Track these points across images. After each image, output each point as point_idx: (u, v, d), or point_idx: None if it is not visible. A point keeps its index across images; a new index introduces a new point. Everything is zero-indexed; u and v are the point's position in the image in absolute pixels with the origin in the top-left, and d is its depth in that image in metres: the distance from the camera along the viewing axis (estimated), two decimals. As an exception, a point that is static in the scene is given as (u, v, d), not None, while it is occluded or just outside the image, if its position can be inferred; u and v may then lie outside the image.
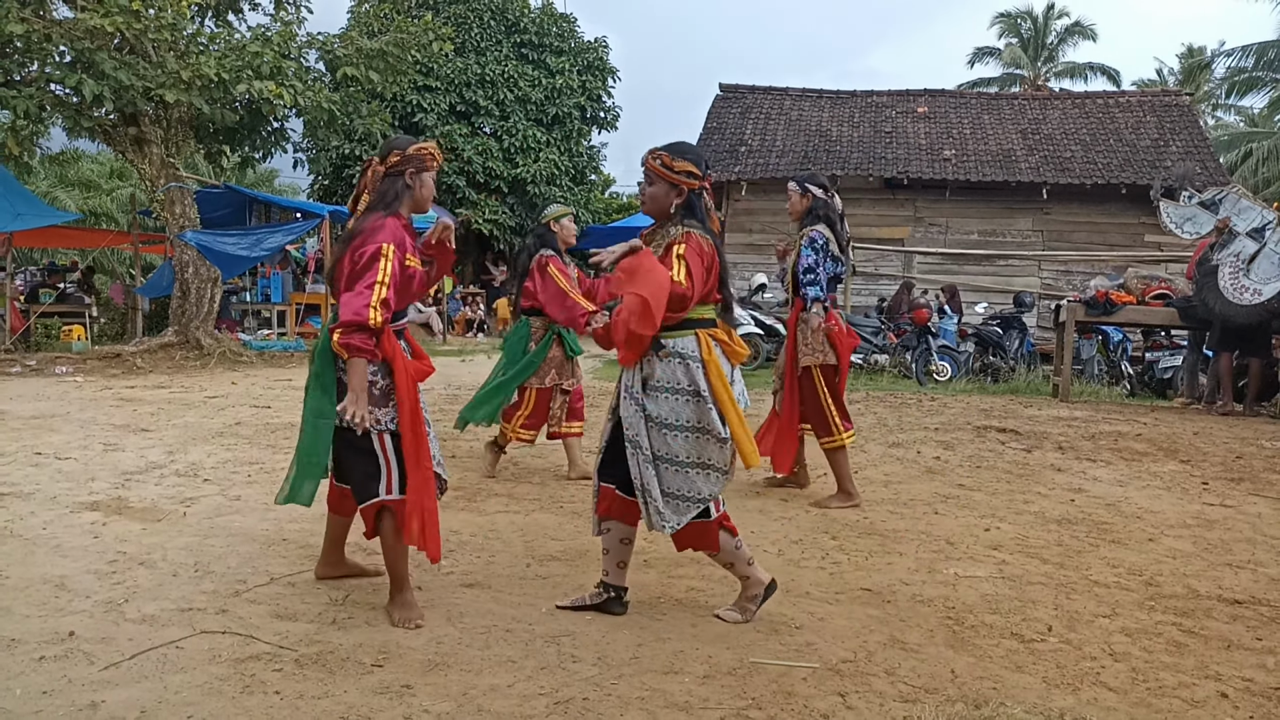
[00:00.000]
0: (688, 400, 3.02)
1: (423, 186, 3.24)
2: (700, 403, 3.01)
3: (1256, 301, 8.46)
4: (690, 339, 3.05)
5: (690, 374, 3.02)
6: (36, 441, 6.21)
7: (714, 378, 3.02)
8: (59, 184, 27.50)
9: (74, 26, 11.29)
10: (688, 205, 3.11)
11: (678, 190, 3.10)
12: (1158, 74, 34.07)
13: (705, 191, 3.15)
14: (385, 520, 3.13)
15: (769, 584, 3.21)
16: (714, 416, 3.00)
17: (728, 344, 3.12)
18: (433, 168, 3.27)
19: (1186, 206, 9.22)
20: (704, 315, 3.11)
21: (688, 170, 3.09)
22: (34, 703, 2.46)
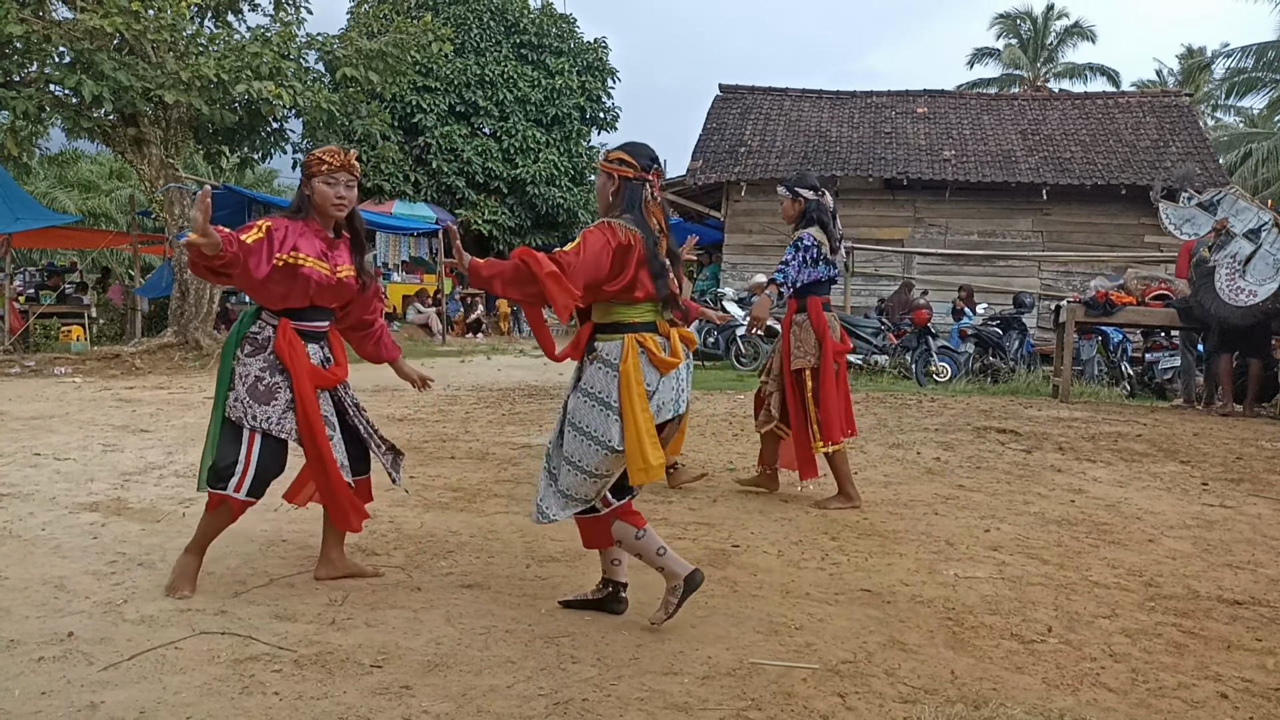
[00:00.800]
0: (596, 407, 3.00)
1: (314, 193, 3.30)
2: (606, 413, 2.98)
3: (1252, 303, 8.46)
4: (616, 344, 3.01)
5: (605, 381, 3.00)
6: (35, 442, 6.21)
7: (625, 388, 2.96)
8: (58, 185, 27.53)
9: (73, 27, 11.29)
10: (623, 195, 3.09)
11: (612, 180, 3.11)
12: (1157, 75, 34.12)
13: (648, 185, 3.10)
14: (222, 510, 3.25)
15: (689, 575, 3.06)
16: (615, 429, 2.95)
17: (654, 353, 3.01)
18: (319, 172, 3.28)
19: (1186, 208, 9.22)
20: (638, 318, 3.05)
21: (619, 158, 3.10)
22: (33, 703, 2.45)
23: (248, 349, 3.28)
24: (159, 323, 14.98)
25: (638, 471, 2.94)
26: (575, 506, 3.08)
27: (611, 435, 2.96)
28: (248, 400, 3.22)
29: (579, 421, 3.03)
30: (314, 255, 3.26)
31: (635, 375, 2.97)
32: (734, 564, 3.87)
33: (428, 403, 8.64)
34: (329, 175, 3.29)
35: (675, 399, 3.09)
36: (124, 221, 22.55)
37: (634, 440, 2.93)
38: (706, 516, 4.64)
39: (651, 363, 3.01)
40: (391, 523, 4.40)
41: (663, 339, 3.08)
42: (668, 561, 3.09)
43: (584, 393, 3.05)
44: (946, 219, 16.53)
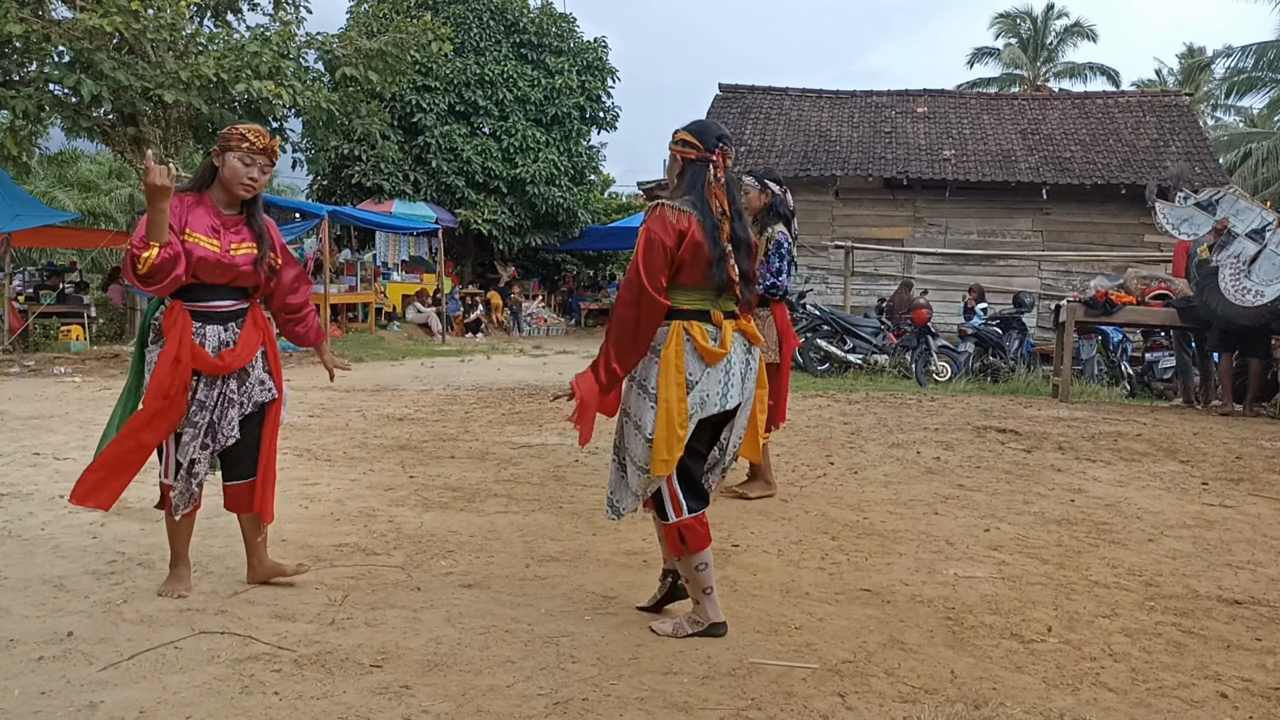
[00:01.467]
0: (640, 395, 2.96)
1: (224, 166, 3.23)
2: (645, 399, 2.94)
3: (1260, 303, 8.45)
4: (663, 330, 2.95)
5: (648, 368, 2.95)
6: (35, 442, 6.21)
7: (664, 373, 2.90)
8: (57, 184, 27.53)
9: (73, 26, 11.29)
10: (685, 176, 3.02)
11: (676, 161, 3.05)
12: (1157, 74, 34.11)
13: (711, 165, 2.98)
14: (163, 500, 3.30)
15: (715, 623, 3.03)
16: (650, 417, 2.90)
17: (700, 341, 2.92)
18: (238, 148, 3.21)
19: (1183, 208, 9.21)
20: (689, 305, 2.96)
21: (683, 139, 3.03)
22: (32, 703, 2.45)
23: (152, 335, 3.26)
24: (159, 322, 14.94)
25: (656, 464, 2.89)
26: (635, 501, 3.03)
27: (646, 423, 2.91)
28: None
29: (628, 408, 3.00)
30: (202, 231, 3.18)
31: (676, 362, 2.89)
32: (734, 564, 3.87)
33: (428, 403, 8.64)
34: (247, 155, 3.21)
35: (722, 393, 2.97)
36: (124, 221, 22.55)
37: (661, 429, 2.88)
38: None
39: (697, 351, 2.92)
40: (391, 522, 4.40)
41: (714, 328, 2.97)
42: (707, 602, 3.04)
43: (633, 378, 2.99)
44: (946, 219, 16.53)
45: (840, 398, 9.48)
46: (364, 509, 4.64)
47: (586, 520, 4.54)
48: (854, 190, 16.67)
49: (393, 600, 3.32)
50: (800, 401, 9.06)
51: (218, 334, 3.25)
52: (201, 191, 3.27)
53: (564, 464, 5.93)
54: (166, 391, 3.14)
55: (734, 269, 2.95)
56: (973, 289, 14.19)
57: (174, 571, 3.37)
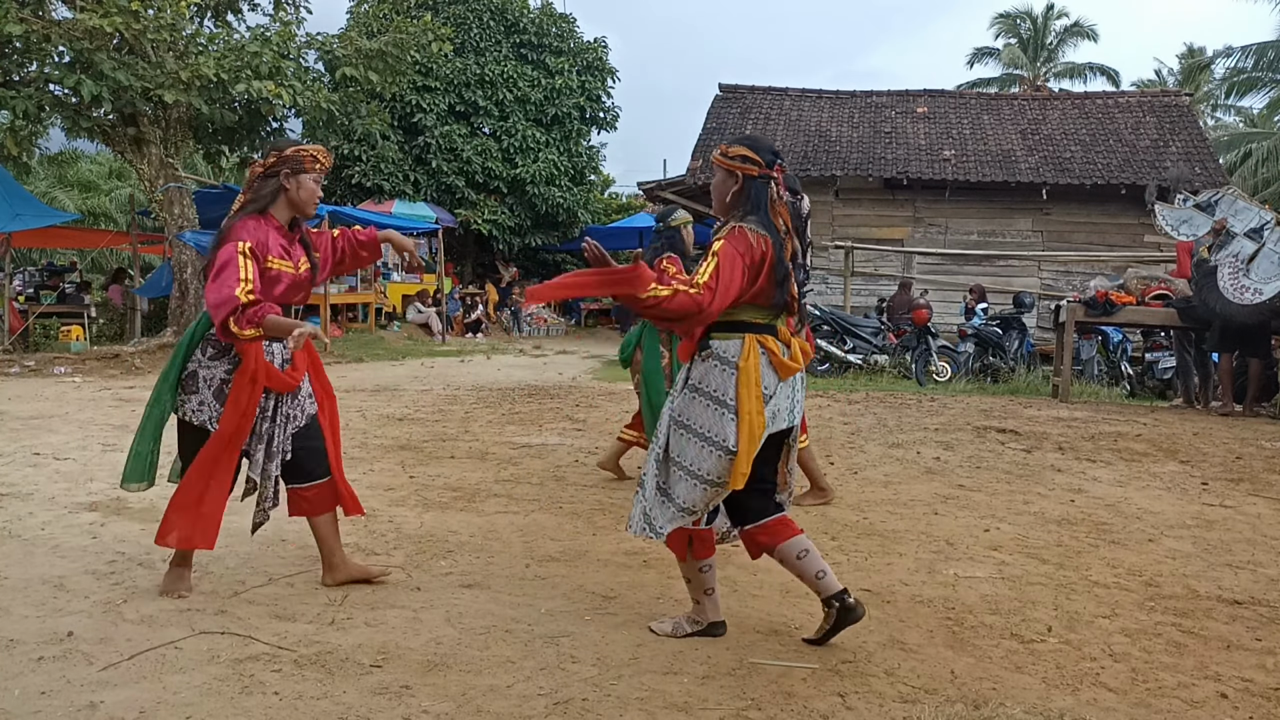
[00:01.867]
0: (711, 406, 2.85)
1: (300, 188, 3.22)
2: (722, 412, 2.84)
3: (1258, 301, 8.46)
4: (735, 342, 2.87)
5: (722, 379, 2.85)
6: (35, 442, 6.21)
7: (744, 385, 2.82)
8: (58, 184, 27.51)
9: (73, 27, 11.28)
10: (747, 195, 2.91)
11: (734, 178, 2.93)
12: (1157, 74, 34.10)
13: (773, 182, 2.92)
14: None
15: (715, 623, 3.04)
16: (731, 429, 2.81)
17: (776, 355, 2.87)
18: (312, 169, 3.22)
19: (1182, 209, 9.22)
20: (759, 319, 2.90)
21: (742, 154, 2.92)
22: (33, 703, 2.45)
23: (210, 351, 3.20)
24: (158, 322, 14.98)
25: (738, 475, 2.81)
26: (686, 518, 2.91)
27: (729, 435, 2.81)
28: (214, 404, 3.17)
29: (691, 421, 2.88)
30: (277, 255, 3.19)
31: (756, 375, 2.83)
32: (734, 564, 3.87)
33: (428, 403, 8.64)
34: (319, 175, 3.25)
35: (790, 408, 2.93)
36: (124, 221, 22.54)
37: (745, 441, 2.80)
38: (706, 516, 4.63)
39: (772, 365, 2.88)
40: (391, 522, 4.40)
41: (784, 345, 2.94)
42: (708, 602, 3.04)
43: (696, 390, 2.89)
44: (946, 219, 16.53)
45: (840, 398, 9.47)
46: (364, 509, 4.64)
47: (586, 520, 4.54)
48: (854, 190, 16.67)
49: (393, 600, 3.32)
50: (800, 401, 9.05)
51: (281, 351, 3.27)
52: (266, 212, 3.23)
53: (564, 464, 5.93)
54: (245, 410, 3.15)
55: (794, 286, 2.93)
56: (973, 289, 14.18)
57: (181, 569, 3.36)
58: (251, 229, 3.13)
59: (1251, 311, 8.49)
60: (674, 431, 2.93)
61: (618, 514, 4.65)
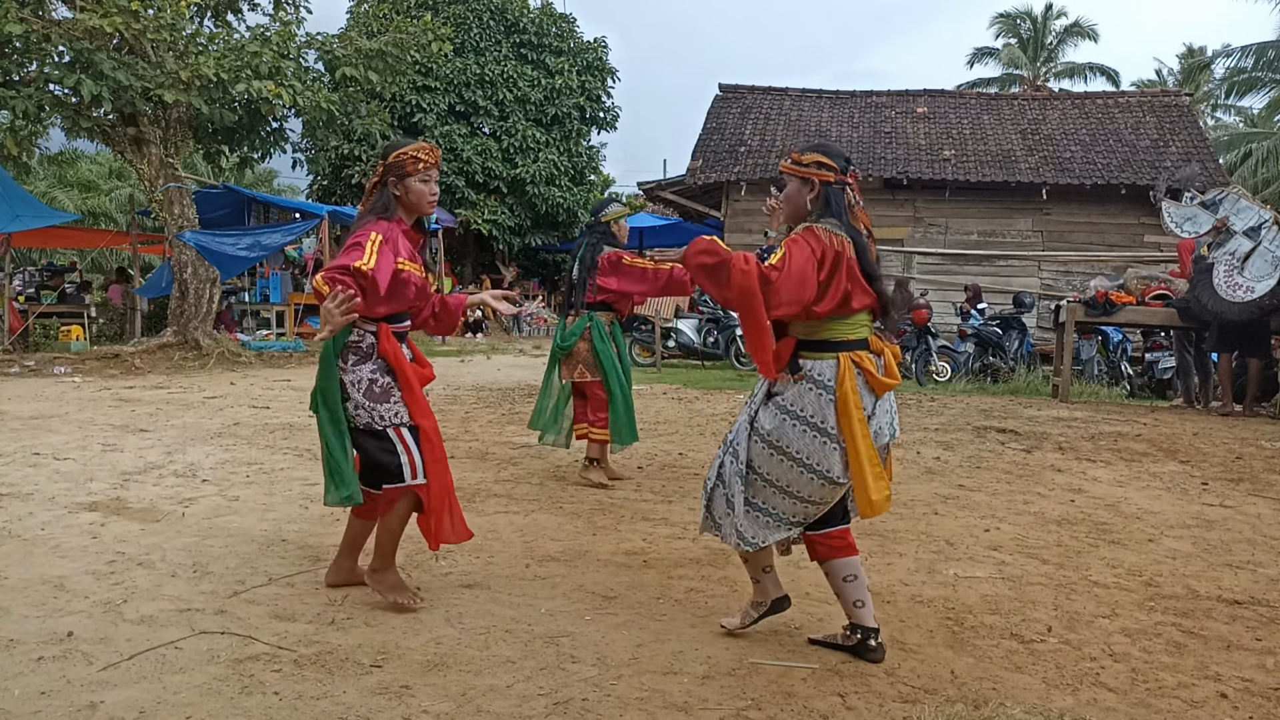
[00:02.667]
0: (809, 433, 2.77)
1: (408, 192, 3.24)
2: (823, 440, 2.76)
3: (1249, 298, 8.48)
4: (830, 363, 2.77)
5: (819, 405, 2.76)
6: (35, 442, 6.21)
7: (844, 413, 2.73)
8: (58, 184, 27.54)
9: (73, 27, 11.28)
10: (824, 201, 2.85)
11: (809, 185, 2.86)
12: (1157, 74, 34.11)
13: (849, 188, 2.88)
14: (403, 503, 3.22)
15: (778, 599, 3.03)
16: (835, 458, 2.75)
17: (872, 373, 2.79)
18: (415, 171, 3.23)
19: (1188, 207, 9.24)
20: (852, 334, 2.81)
21: (817, 161, 2.87)
22: (32, 703, 2.45)
23: (352, 358, 3.20)
24: (158, 322, 14.98)
25: (864, 505, 2.76)
26: (785, 530, 2.88)
27: (832, 465, 2.75)
28: (369, 404, 3.17)
29: (786, 445, 2.80)
30: (408, 257, 3.23)
31: (855, 399, 2.74)
32: (734, 564, 3.87)
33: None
34: (425, 173, 3.26)
35: (890, 421, 2.87)
36: (124, 221, 22.55)
37: (859, 471, 2.74)
38: (706, 516, 4.63)
39: (868, 384, 2.80)
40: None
41: (876, 356, 2.85)
42: (768, 579, 3.01)
43: (788, 413, 2.80)
44: (946, 219, 16.54)
45: (840, 398, 9.46)
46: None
47: (586, 520, 4.54)
48: (854, 190, 16.65)
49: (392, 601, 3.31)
50: (800, 401, 9.06)
51: (405, 352, 3.32)
52: (392, 217, 3.25)
53: (564, 464, 5.94)
54: (426, 409, 3.22)
55: (886, 289, 2.87)
56: (968, 288, 14.17)
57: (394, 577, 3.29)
58: (382, 228, 3.16)
59: (1242, 309, 8.50)
60: (762, 451, 2.84)
61: (618, 514, 4.65)
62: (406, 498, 3.21)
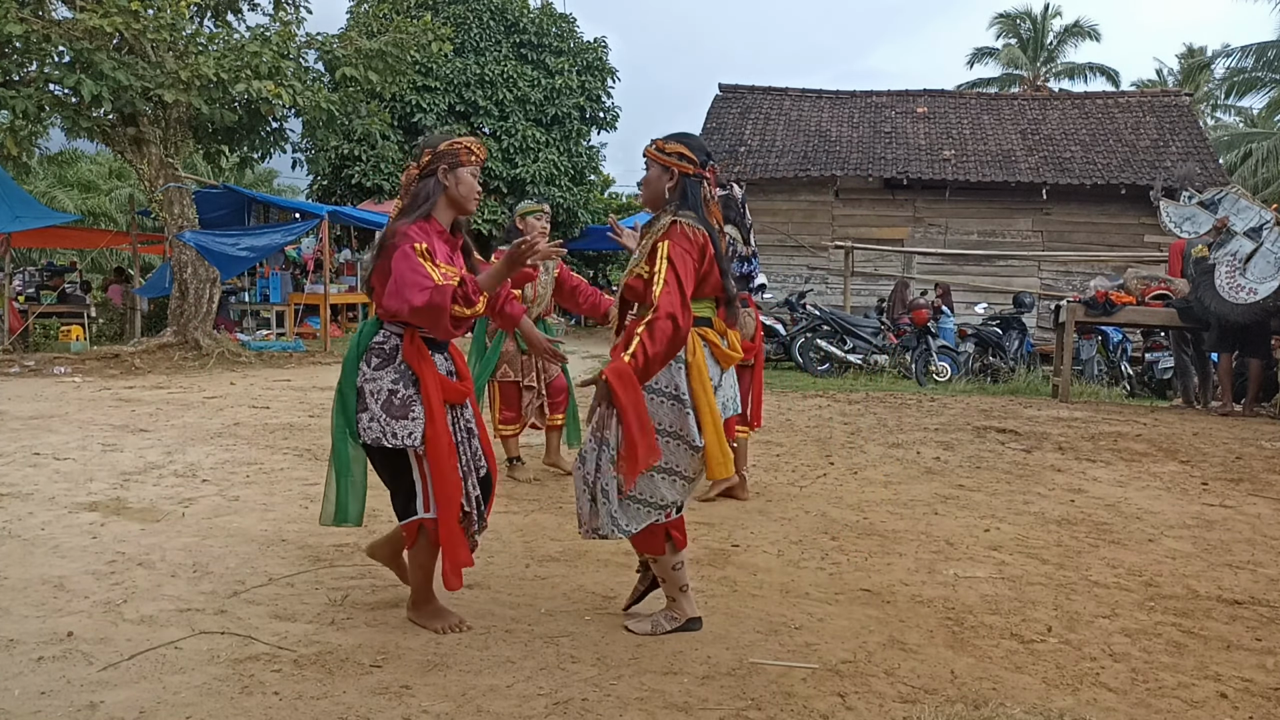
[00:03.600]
0: (667, 403, 2.91)
1: (459, 184, 3.03)
2: (679, 407, 2.90)
3: (1252, 300, 8.47)
4: None
5: (671, 375, 2.90)
6: (35, 442, 6.21)
7: (695, 381, 2.90)
8: (57, 184, 27.53)
9: (73, 26, 11.28)
10: (681, 192, 3.00)
11: (669, 174, 3.01)
12: (1157, 74, 34.11)
13: (705, 181, 3.03)
14: (422, 537, 3.00)
15: (692, 619, 3.04)
16: (691, 422, 2.89)
17: (718, 346, 3.02)
18: (469, 162, 3.05)
19: (1186, 206, 9.23)
20: (698, 313, 2.99)
21: (679, 153, 3.01)
22: (32, 703, 2.45)
23: (374, 361, 2.97)
24: (158, 322, 14.98)
25: (717, 465, 2.88)
26: (656, 514, 2.94)
27: (691, 430, 2.89)
28: (384, 419, 2.93)
29: (655, 420, 2.90)
30: (445, 260, 3.00)
31: (704, 367, 2.92)
32: (734, 564, 3.87)
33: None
34: (476, 167, 3.08)
35: (734, 396, 3.03)
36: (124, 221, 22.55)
37: (711, 433, 2.87)
38: (707, 516, 4.64)
39: (714, 356, 2.98)
40: (391, 522, 4.39)
41: (720, 336, 3.05)
42: (683, 599, 3.05)
43: (648, 389, 2.88)
44: (946, 219, 16.54)
45: (840, 398, 9.47)
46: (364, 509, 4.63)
47: (586, 520, 4.54)
48: (854, 190, 16.68)
49: (392, 600, 3.32)
50: (800, 401, 9.06)
51: (443, 362, 3.08)
52: (429, 216, 3.03)
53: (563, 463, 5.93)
54: (442, 429, 2.94)
55: (727, 281, 3.04)
56: (938, 286, 14.11)
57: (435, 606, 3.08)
58: (421, 233, 2.95)
59: (1245, 311, 8.50)
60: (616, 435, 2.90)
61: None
62: (424, 531, 2.99)
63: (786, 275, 16.49)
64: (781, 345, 13.06)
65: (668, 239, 2.91)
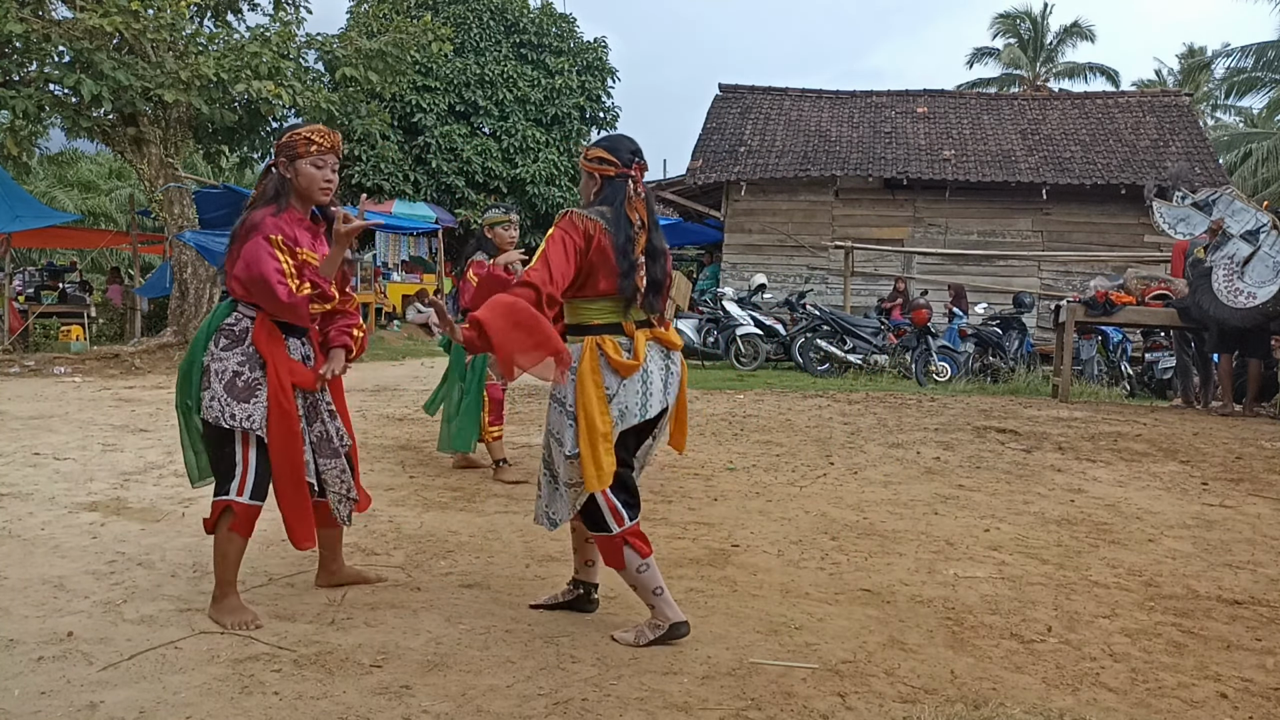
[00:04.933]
0: (557, 409, 2.98)
1: (298, 175, 3.05)
2: (564, 417, 2.94)
3: (1251, 304, 8.45)
4: (576, 347, 2.94)
5: (567, 386, 2.93)
6: (35, 442, 6.21)
7: (581, 391, 2.88)
8: (58, 184, 27.53)
9: (73, 26, 11.29)
10: (603, 194, 3.03)
11: (593, 179, 3.06)
12: (1157, 74, 34.13)
13: (631, 180, 3.02)
14: (223, 520, 3.02)
15: (677, 623, 2.96)
16: (569, 434, 2.91)
17: (612, 355, 2.92)
18: (308, 153, 3.05)
19: (1180, 207, 9.22)
20: (600, 319, 2.97)
21: (599, 156, 3.04)
22: (32, 703, 2.45)
23: (223, 342, 3.05)
24: (159, 322, 14.99)
25: (589, 478, 2.87)
26: (565, 514, 3.02)
27: (566, 439, 2.93)
28: (225, 398, 2.97)
29: (550, 426, 3.03)
30: (307, 246, 3.09)
31: (592, 378, 2.90)
32: (734, 564, 3.87)
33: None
34: (318, 157, 3.07)
35: (642, 403, 2.95)
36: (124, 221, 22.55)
37: (585, 445, 2.86)
38: (706, 516, 4.64)
39: (610, 365, 2.93)
40: (391, 522, 4.39)
41: (626, 340, 2.97)
42: (660, 603, 2.98)
43: (551, 396, 3.03)
44: (946, 219, 16.54)
45: (840, 398, 9.47)
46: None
47: (586, 520, 4.54)
48: (854, 190, 16.67)
49: (392, 600, 3.32)
50: (800, 401, 9.07)
51: (299, 347, 3.15)
52: (285, 206, 3.08)
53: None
54: (287, 414, 3.01)
55: (642, 279, 2.97)
56: (951, 287, 14.15)
57: (233, 600, 3.09)
58: (271, 221, 3.02)
59: (1244, 315, 8.48)
60: (546, 435, 3.06)
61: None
62: (226, 516, 3.01)
63: (786, 275, 16.50)
64: (781, 345, 13.07)
65: (556, 224, 2.95)
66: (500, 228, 5.47)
